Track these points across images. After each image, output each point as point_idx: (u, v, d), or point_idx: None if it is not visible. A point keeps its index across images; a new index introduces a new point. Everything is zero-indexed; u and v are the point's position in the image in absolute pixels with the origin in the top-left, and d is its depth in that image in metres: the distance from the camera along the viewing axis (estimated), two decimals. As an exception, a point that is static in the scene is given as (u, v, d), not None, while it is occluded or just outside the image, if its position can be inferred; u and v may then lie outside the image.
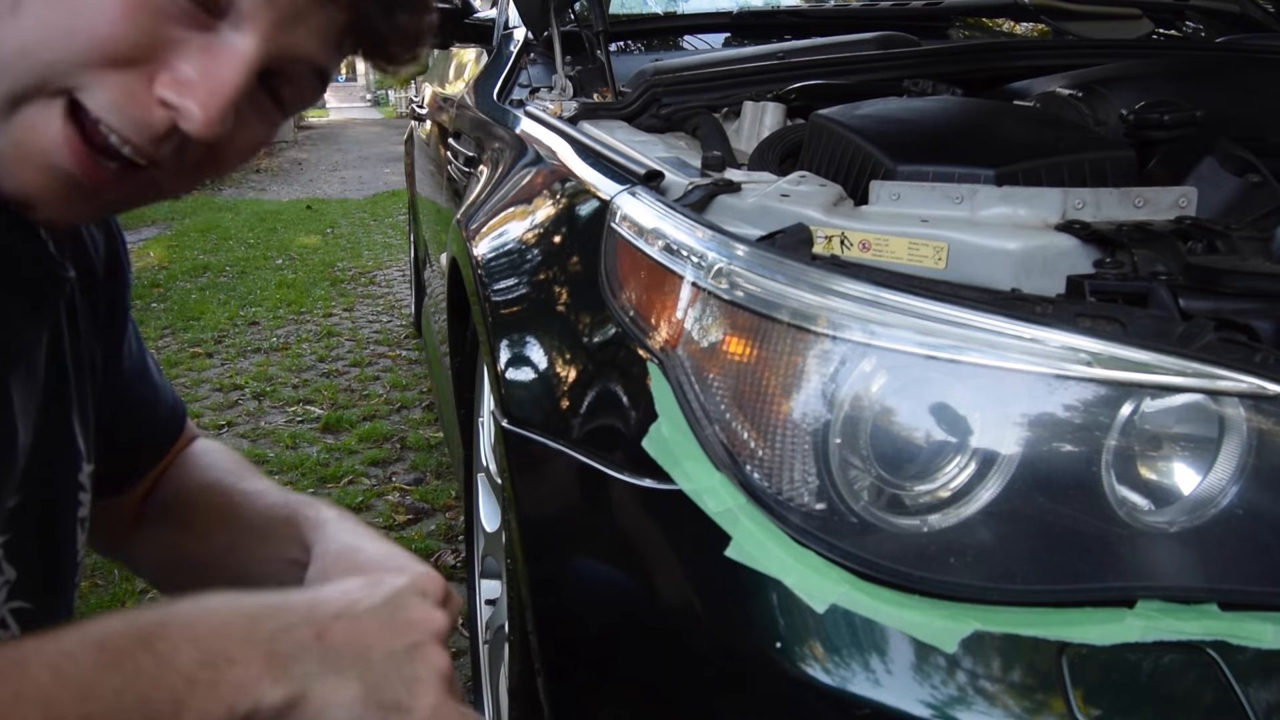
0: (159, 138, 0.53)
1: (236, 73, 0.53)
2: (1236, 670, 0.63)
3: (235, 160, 0.61)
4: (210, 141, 0.54)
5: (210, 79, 0.52)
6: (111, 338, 0.78)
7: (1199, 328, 0.68)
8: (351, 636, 0.55)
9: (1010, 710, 0.63)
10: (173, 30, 0.52)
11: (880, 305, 0.70)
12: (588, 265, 0.96)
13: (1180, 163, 1.01)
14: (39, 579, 0.65)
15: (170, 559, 0.84)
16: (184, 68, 0.52)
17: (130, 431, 0.81)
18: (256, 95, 0.58)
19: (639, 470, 0.77)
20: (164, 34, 0.52)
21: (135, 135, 0.53)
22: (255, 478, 0.85)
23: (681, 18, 2.31)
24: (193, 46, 0.53)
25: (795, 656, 0.67)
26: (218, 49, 0.53)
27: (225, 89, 0.53)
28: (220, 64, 0.53)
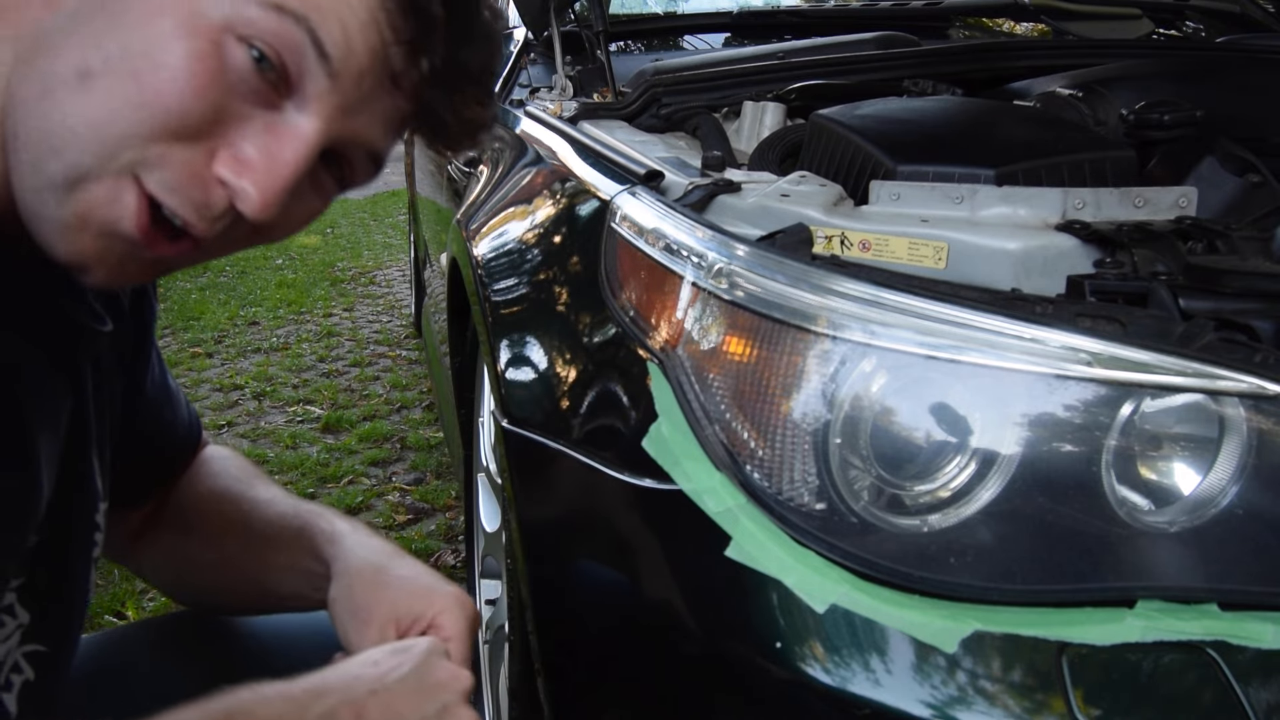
0: (215, 217, 0.53)
1: (297, 155, 0.53)
2: (1236, 670, 0.63)
3: (286, 232, 0.60)
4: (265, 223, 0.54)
5: (270, 160, 0.52)
6: (135, 371, 0.77)
7: (1199, 328, 0.68)
8: (387, 710, 0.60)
9: (1010, 710, 0.63)
10: (240, 106, 0.52)
11: (880, 305, 0.70)
12: (588, 265, 0.96)
13: (1180, 163, 1.01)
14: (52, 621, 0.66)
15: (179, 564, 0.84)
16: (246, 146, 0.52)
17: (149, 453, 0.81)
18: (314, 171, 0.57)
19: (639, 470, 0.77)
20: (231, 109, 0.52)
21: (192, 215, 0.52)
22: (265, 484, 0.86)
23: (681, 18, 2.31)
24: (257, 124, 0.52)
25: (795, 656, 0.67)
26: (281, 129, 0.53)
27: (284, 171, 0.53)
28: (282, 145, 0.53)
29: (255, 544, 0.81)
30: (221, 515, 0.83)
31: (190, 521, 0.84)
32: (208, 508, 0.84)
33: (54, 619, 0.66)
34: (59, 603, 0.66)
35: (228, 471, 0.86)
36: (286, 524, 0.80)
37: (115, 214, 0.51)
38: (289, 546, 0.80)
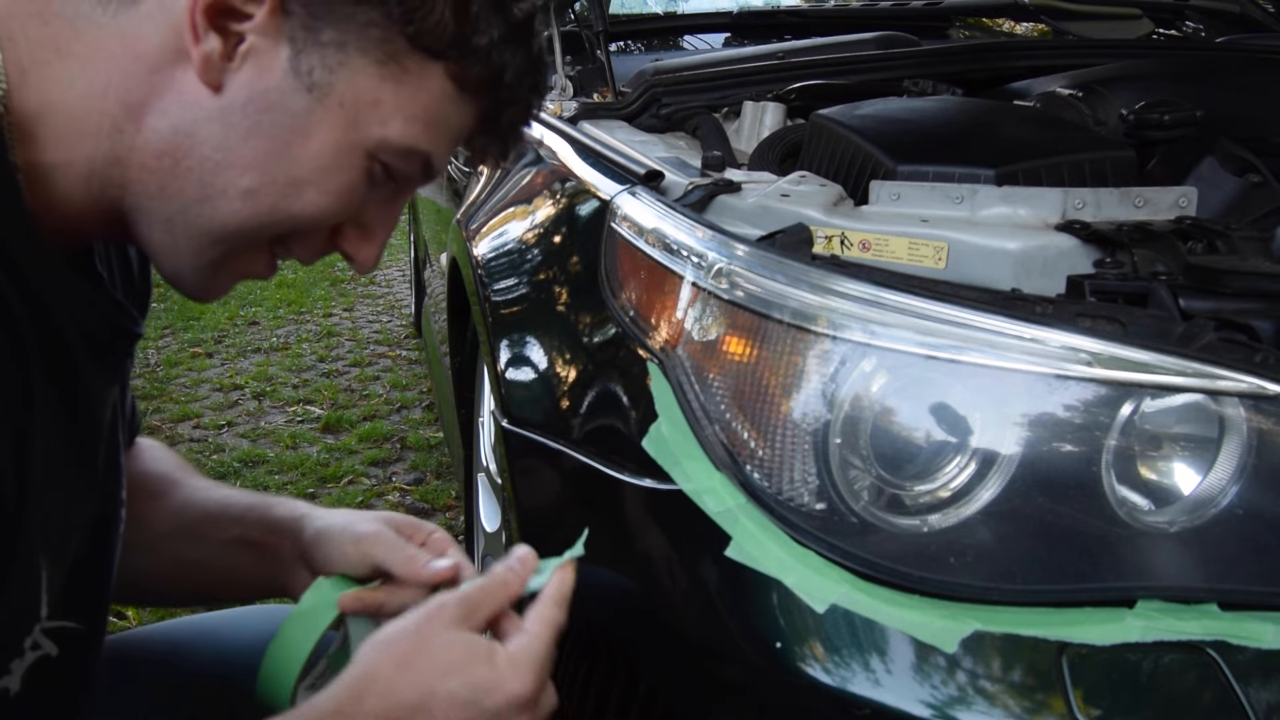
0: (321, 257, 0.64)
1: (395, 221, 0.64)
2: (1236, 670, 0.63)
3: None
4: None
5: (381, 231, 0.63)
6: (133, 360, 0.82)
7: (1199, 328, 0.68)
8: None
9: (1010, 710, 0.63)
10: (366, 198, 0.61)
11: (880, 305, 0.70)
12: (588, 265, 0.96)
13: (1180, 163, 1.01)
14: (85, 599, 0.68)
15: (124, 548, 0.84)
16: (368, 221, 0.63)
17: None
18: None
19: (639, 470, 0.77)
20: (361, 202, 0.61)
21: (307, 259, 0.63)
22: (200, 476, 0.88)
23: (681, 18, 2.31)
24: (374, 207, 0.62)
25: (795, 656, 0.67)
26: (391, 207, 0.63)
27: (389, 234, 0.64)
28: (391, 222, 0.64)
29: (191, 522, 0.82)
30: (162, 497, 0.84)
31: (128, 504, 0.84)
32: (150, 489, 0.84)
33: (87, 596, 0.68)
34: (93, 581, 0.69)
35: (166, 459, 0.89)
36: (232, 501, 0.83)
37: (252, 270, 0.62)
38: (234, 521, 0.81)
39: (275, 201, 0.57)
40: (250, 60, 0.55)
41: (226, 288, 0.63)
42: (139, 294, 0.76)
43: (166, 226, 0.58)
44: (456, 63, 0.57)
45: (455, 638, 0.62)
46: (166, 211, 0.58)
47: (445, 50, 0.57)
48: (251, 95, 0.55)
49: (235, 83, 0.55)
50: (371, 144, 0.58)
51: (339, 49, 0.55)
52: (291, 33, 0.55)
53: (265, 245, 0.61)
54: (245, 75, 0.55)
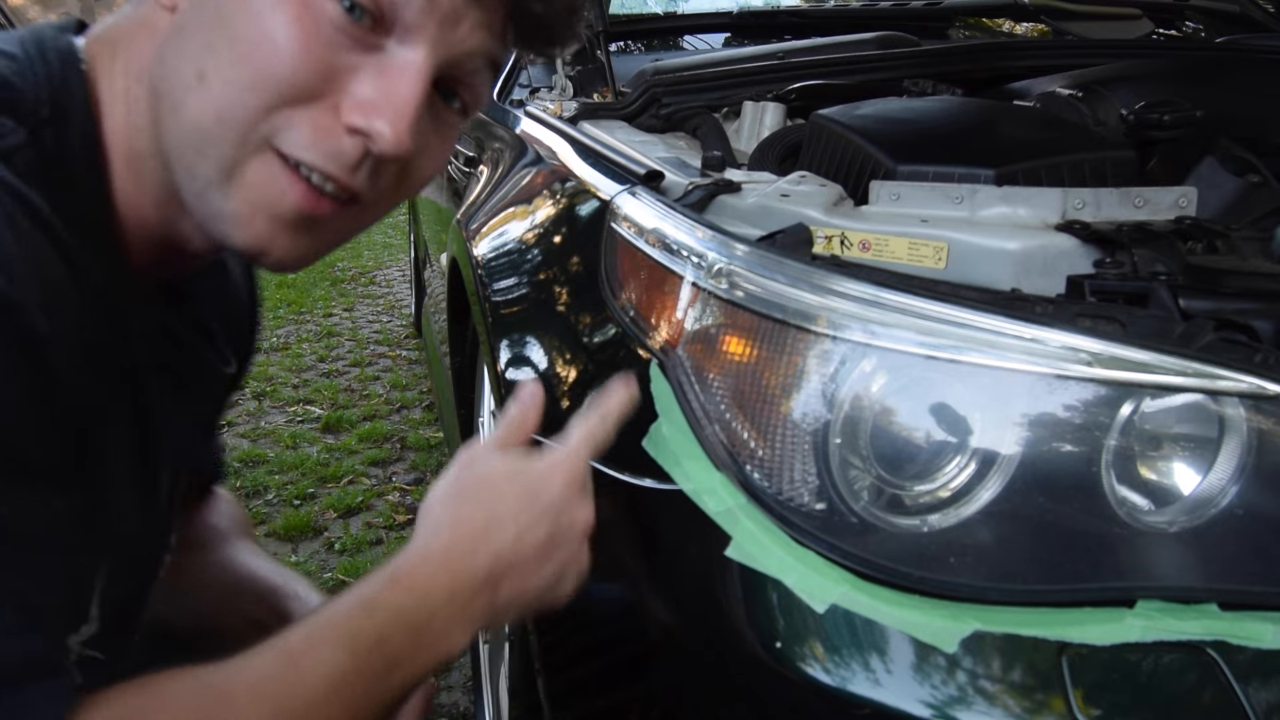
0: (353, 165, 0.55)
1: (415, 85, 0.55)
2: (1236, 670, 0.63)
3: (430, 173, 0.63)
4: (403, 157, 0.56)
5: (392, 97, 0.54)
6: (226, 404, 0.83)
7: (1199, 328, 0.68)
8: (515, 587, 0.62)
9: (1010, 710, 0.63)
10: (346, 58, 0.54)
11: (880, 305, 0.70)
12: (588, 265, 0.96)
13: (1180, 163, 1.01)
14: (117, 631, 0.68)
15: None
16: (364, 91, 0.54)
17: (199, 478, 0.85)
18: (435, 104, 0.59)
19: (639, 470, 0.77)
20: (338, 63, 0.54)
21: (333, 168, 0.55)
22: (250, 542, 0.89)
23: (681, 18, 2.31)
24: (368, 70, 0.55)
25: (795, 656, 0.67)
26: (392, 67, 0.55)
27: (408, 103, 0.55)
28: (398, 81, 0.55)
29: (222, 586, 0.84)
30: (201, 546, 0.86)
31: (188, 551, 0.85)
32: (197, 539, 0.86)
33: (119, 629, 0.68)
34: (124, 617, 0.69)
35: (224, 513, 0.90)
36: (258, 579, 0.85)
37: (275, 191, 0.55)
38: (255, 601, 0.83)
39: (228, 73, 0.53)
40: None
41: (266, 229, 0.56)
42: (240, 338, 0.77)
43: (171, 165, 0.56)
44: None
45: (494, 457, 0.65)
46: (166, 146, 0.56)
47: None
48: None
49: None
50: None
51: None
52: None
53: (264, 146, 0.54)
54: None
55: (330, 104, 0.54)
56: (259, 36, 0.52)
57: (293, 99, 0.53)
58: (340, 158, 0.55)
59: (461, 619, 0.60)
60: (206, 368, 0.67)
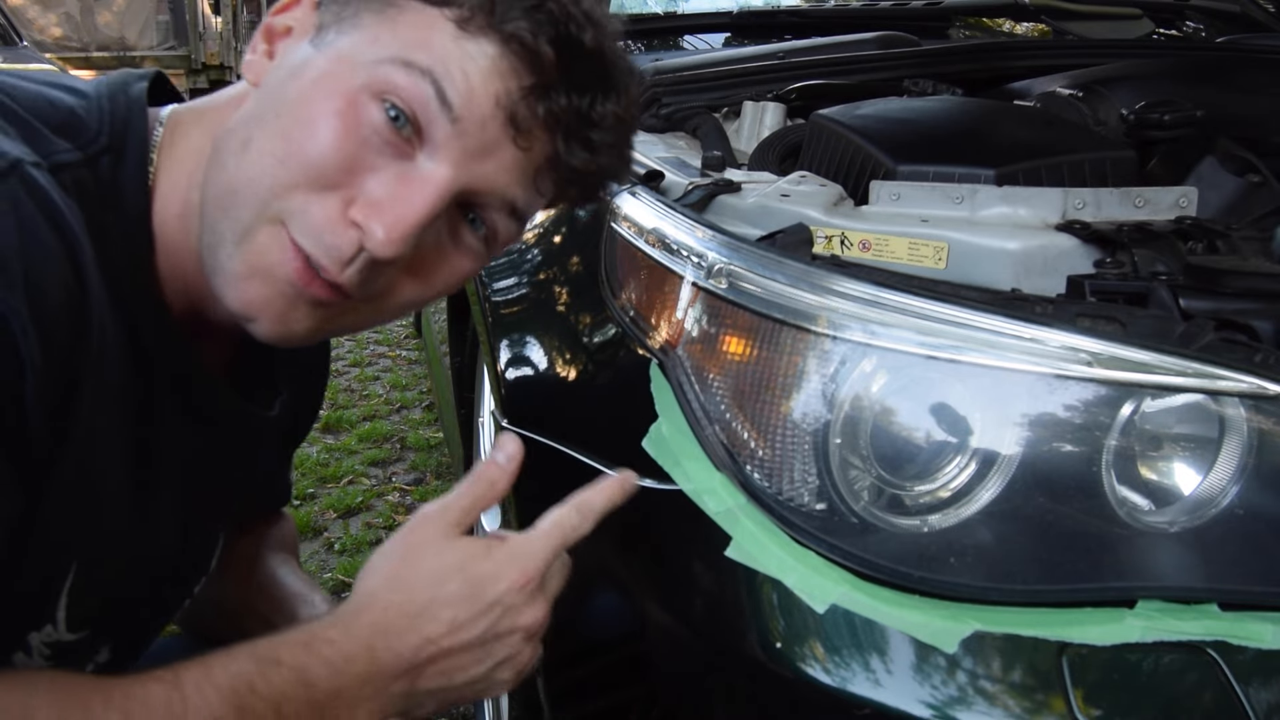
0: (345, 260, 0.56)
1: (425, 197, 0.56)
2: (1237, 670, 0.63)
3: (439, 288, 0.64)
4: (391, 261, 0.57)
5: (399, 203, 0.56)
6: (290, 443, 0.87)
7: (1199, 328, 0.68)
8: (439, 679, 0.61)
9: (1010, 710, 0.63)
10: (374, 159, 0.56)
11: (880, 305, 0.69)
12: (588, 265, 0.96)
13: (1180, 163, 1.01)
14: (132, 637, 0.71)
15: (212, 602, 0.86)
16: (377, 192, 0.56)
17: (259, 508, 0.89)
18: (459, 225, 0.61)
19: (639, 470, 0.77)
20: (365, 161, 0.56)
21: (324, 259, 0.56)
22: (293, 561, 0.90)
23: (681, 18, 2.31)
24: (389, 173, 0.57)
25: (795, 657, 0.67)
26: (412, 175, 0.57)
27: (412, 211, 0.56)
28: (412, 190, 0.57)
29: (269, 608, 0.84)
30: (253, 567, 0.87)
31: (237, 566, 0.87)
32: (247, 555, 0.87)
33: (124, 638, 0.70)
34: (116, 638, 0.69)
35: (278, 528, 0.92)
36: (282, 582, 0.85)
37: (274, 259, 0.57)
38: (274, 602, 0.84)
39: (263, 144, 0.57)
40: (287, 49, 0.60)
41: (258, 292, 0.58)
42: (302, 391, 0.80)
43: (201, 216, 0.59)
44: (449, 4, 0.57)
45: (445, 545, 0.63)
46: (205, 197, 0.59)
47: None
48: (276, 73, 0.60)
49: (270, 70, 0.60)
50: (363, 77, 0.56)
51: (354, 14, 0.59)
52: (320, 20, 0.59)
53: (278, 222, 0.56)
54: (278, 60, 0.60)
55: (345, 196, 0.56)
56: (304, 119, 0.56)
57: (314, 183, 0.56)
58: (333, 251, 0.56)
59: (372, 701, 0.59)
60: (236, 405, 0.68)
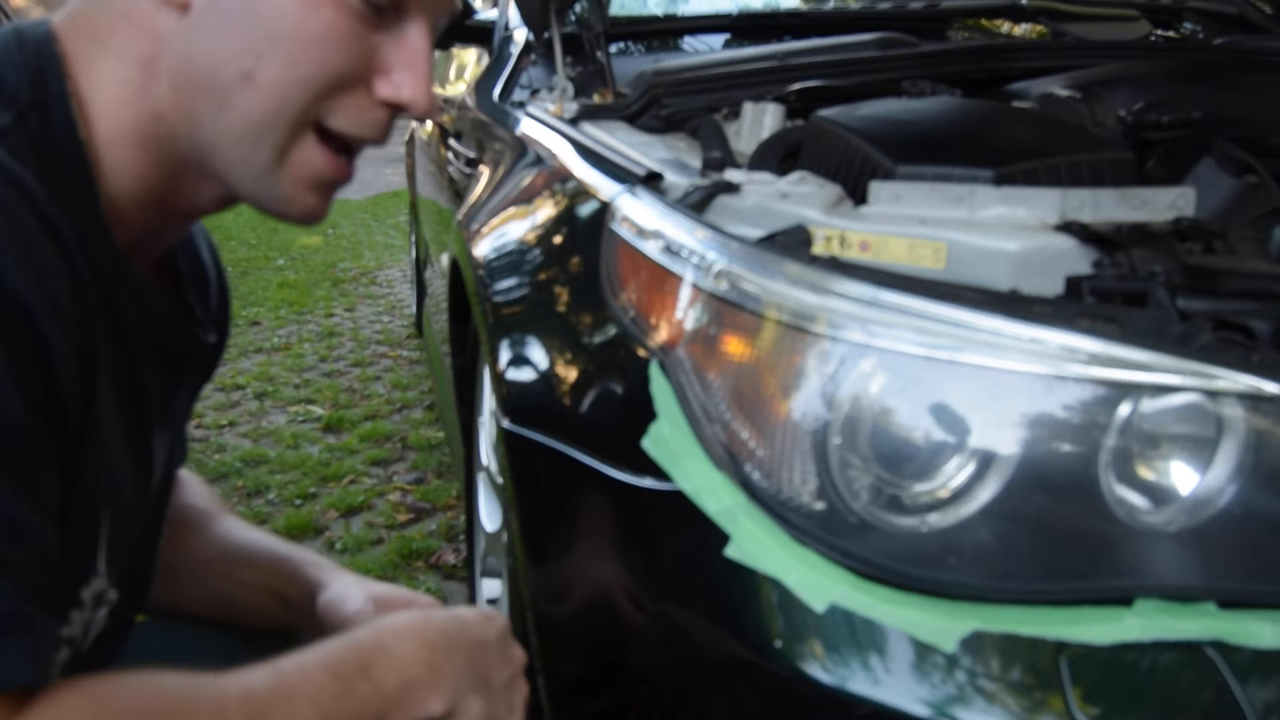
0: (387, 129, 0.65)
1: (427, 55, 0.64)
2: (1235, 669, 0.63)
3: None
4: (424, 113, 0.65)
5: (415, 70, 0.63)
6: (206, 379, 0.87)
7: (1197, 328, 0.68)
8: (485, 664, 0.68)
9: (1009, 709, 0.64)
10: (373, 40, 0.62)
11: (879, 305, 0.70)
12: (588, 266, 0.96)
13: (1178, 163, 1.01)
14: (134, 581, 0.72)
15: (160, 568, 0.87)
16: (392, 70, 0.63)
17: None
18: None
19: (639, 470, 0.77)
20: (368, 47, 0.62)
21: (373, 134, 0.64)
22: (233, 516, 0.94)
23: (681, 19, 2.31)
24: (389, 46, 0.63)
25: (795, 656, 0.67)
26: (406, 42, 0.63)
27: (426, 72, 0.64)
28: (415, 55, 0.63)
29: (224, 559, 0.88)
30: (202, 529, 0.90)
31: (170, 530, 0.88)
32: (191, 520, 0.89)
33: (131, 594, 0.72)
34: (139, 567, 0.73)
35: (202, 492, 0.94)
36: (266, 549, 0.89)
37: (316, 168, 0.63)
38: (265, 568, 0.87)
39: (275, 72, 0.59)
40: None
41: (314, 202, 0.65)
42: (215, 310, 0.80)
43: (215, 151, 0.62)
44: None
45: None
46: (208, 139, 0.61)
47: None
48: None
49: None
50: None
51: None
52: None
53: (308, 127, 0.62)
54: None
55: (365, 82, 0.62)
56: (305, 38, 0.59)
57: (339, 88, 0.61)
58: (378, 126, 0.64)
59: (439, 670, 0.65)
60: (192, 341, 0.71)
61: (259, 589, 0.86)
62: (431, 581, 2.09)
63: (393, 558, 2.20)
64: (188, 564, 0.86)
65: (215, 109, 0.60)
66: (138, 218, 0.63)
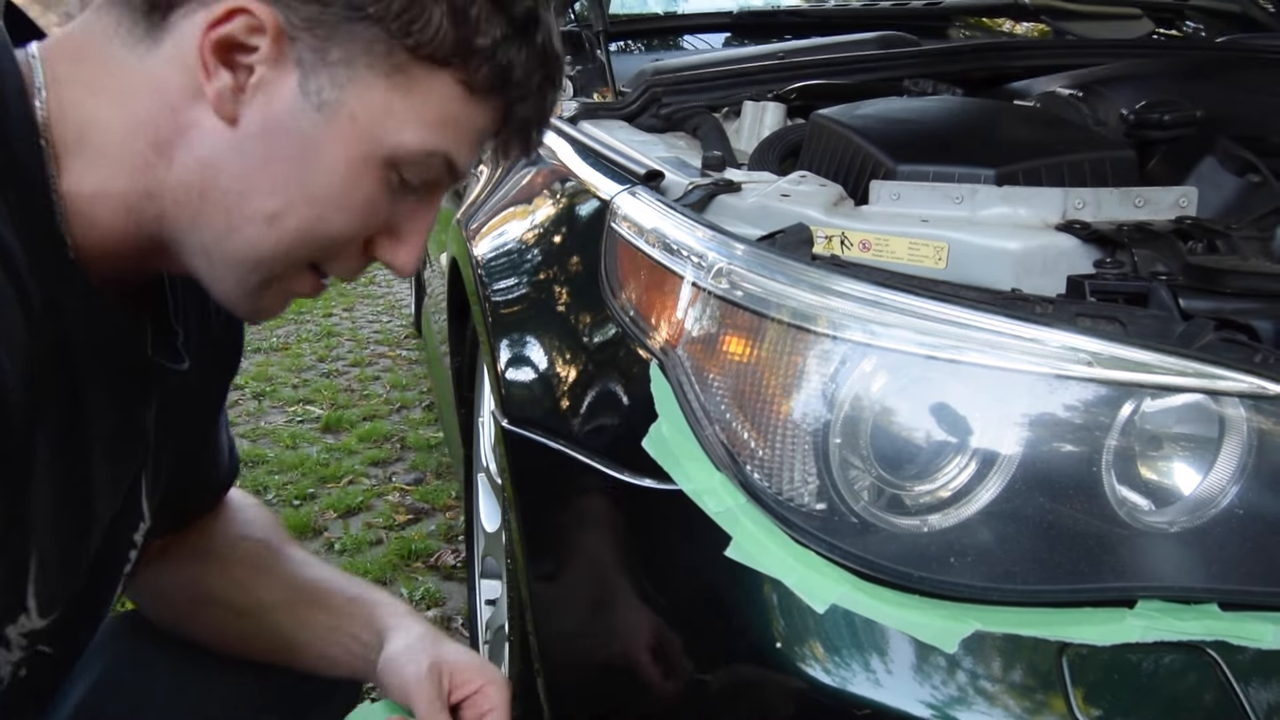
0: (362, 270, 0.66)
1: (428, 229, 0.64)
2: (1237, 670, 0.63)
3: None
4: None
5: (414, 240, 0.64)
6: (211, 404, 0.84)
7: (1199, 328, 0.68)
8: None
9: (1010, 710, 0.63)
10: (392, 209, 0.62)
11: (880, 305, 0.69)
12: (588, 265, 0.96)
13: (1180, 162, 1.01)
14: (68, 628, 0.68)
15: (195, 597, 0.85)
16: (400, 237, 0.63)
17: (193, 483, 0.84)
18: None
19: (639, 470, 0.77)
20: (387, 214, 0.62)
21: (351, 277, 0.65)
22: (296, 546, 0.90)
23: (682, 18, 2.31)
24: (403, 216, 0.63)
25: (795, 657, 0.67)
26: (422, 215, 0.63)
27: (421, 241, 0.64)
28: (424, 229, 0.64)
29: (295, 600, 0.84)
30: (270, 568, 0.86)
31: (219, 559, 0.86)
32: (256, 557, 0.86)
33: (70, 626, 0.68)
34: (79, 612, 0.68)
35: (262, 522, 0.91)
36: (337, 589, 0.85)
37: (297, 290, 0.64)
38: (338, 611, 0.83)
39: (300, 224, 0.58)
40: (261, 90, 0.56)
41: (279, 307, 0.64)
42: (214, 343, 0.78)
43: (205, 256, 0.60)
44: (462, 68, 0.58)
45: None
46: (202, 242, 0.59)
47: (449, 57, 0.57)
48: (265, 123, 0.57)
49: (249, 113, 0.56)
50: (385, 153, 0.58)
51: (346, 66, 0.56)
52: (298, 57, 0.56)
53: (305, 266, 0.62)
54: (258, 104, 0.56)
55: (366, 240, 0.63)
56: (341, 204, 0.59)
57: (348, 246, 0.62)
58: (358, 272, 0.65)
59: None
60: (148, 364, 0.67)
61: (334, 634, 0.82)
62: (431, 582, 2.09)
63: (391, 558, 2.20)
64: (254, 607, 0.83)
65: (223, 228, 0.59)
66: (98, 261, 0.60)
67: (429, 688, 0.74)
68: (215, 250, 0.60)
